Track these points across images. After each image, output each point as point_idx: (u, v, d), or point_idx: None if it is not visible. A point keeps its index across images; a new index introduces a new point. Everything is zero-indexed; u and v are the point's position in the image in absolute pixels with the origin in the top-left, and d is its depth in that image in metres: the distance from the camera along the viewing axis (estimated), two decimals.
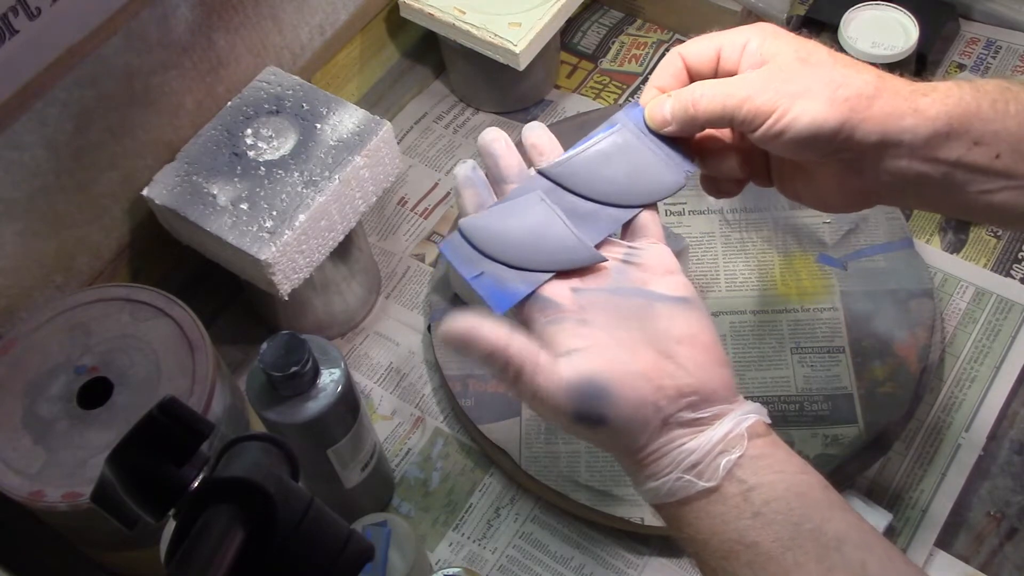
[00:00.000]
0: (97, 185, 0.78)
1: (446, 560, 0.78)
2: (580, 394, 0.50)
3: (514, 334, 0.51)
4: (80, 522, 0.67)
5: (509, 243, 0.53)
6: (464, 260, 0.54)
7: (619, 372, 0.50)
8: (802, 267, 0.86)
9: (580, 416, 0.50)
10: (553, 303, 0.52)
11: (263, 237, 0.74)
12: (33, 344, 0.70)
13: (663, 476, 0.50)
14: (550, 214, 0.54)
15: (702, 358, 0.51)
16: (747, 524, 0.49)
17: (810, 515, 0.49)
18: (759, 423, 0.51)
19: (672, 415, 0.50)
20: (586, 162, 0.56)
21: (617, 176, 0.55)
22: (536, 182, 0.55)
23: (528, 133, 0.58)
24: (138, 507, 0.45)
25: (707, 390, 0.51)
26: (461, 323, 0.51)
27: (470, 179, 0.57)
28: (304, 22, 0.90)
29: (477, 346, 0.51)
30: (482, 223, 0.54)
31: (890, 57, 0.87)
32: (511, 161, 0.57)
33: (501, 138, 0.57)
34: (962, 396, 0.82)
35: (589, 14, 1.09)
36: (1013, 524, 0.76)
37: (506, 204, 0.55)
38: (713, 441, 0.50)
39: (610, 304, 0.52)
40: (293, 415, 0.65)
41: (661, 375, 0.50)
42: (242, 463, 0.46)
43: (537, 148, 0.58)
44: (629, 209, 0.55)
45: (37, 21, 0.65)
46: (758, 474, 0.49)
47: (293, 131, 0.79)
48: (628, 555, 0.77)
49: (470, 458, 0.82)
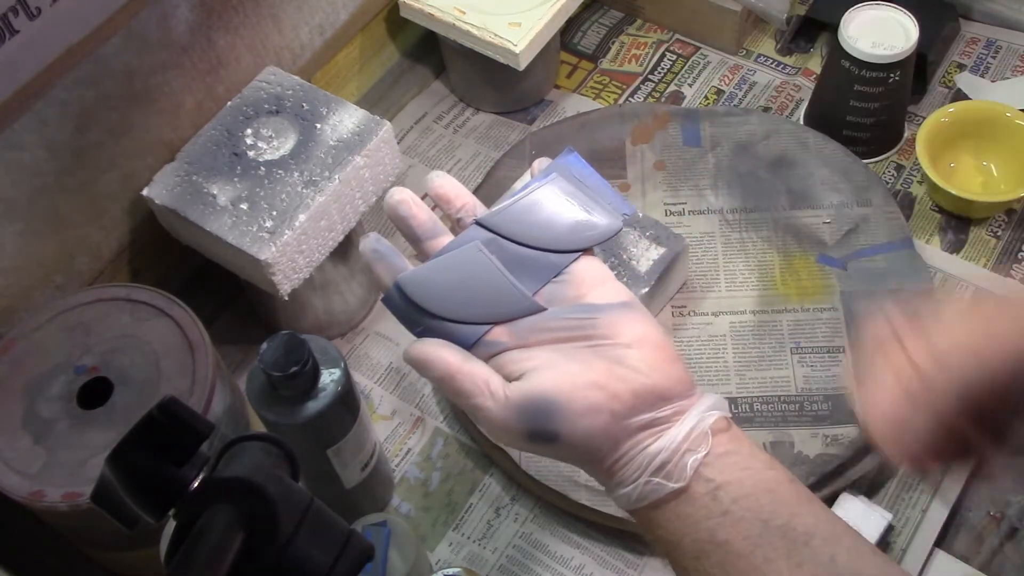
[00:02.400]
0: (97, 185, 0.78)
1: (446, 560, 0.78)
2: (529, 413, 0.50)
3: (468, 360, 0.52)
4: (80, 522, 0.67)
5: (448, 297, 0.54)
6: (404, 315, 0.54)
7: (568, 385, 0.50)
8: (802, 267, 0.86)
9: (532, 435, 0.51)
10: (493, 343, 0.53)
11: (263, 237, 0.74)
12: (33, 344, 0.70)
13: (632, 482, 0.50)
14: (488, 265, 0.54)
15: (653, 357, 0.51)
16: (716, 523, 0.49)
17: (779, 511, 0.49)
18: (720, 419, 0.51)
19: (631, 419, 0.50)
20: (523, 210, 0.56)
21: (554, 222, 0.55)
22: (474, 232, 0.55)
23: (431, 185, 0.58)
24: (138, 507, 0.45)
25: (662, 388, 0.51)
26: (423, 346, 0.53)
27: (378, 252, 0.56)
28: (304, 22, 0.90)
29: (432, 368, 0.52)
30: (420, 278, 0.54)
31: (890, 57, 0.87)
32: (422, 218, 0.57)
33: (406, 199, 0.57)
34: None
35: (589, 14, 1.09)
36: (1013, 524, 0.76)
37: (444, 257, 0.55)
38: (677, 440, 0.50)
39: (549, 327, 0.52)
40: (293, 415, 0.65)
41: (613, 381, 0.50)
42: (242, 463, 0.46)
43: (443, 198, 0.57)
44: (568, 254, 0.56)
45: (37, 21, 0.65)
46: (725, 472, 0.50)
47: (293, 131, 0.79)
48: (628, 555, 0.77)
49: (470, 458, 0.82)
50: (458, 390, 0.52)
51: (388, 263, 0.55)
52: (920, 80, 0.96)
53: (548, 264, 0.55)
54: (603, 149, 0.93)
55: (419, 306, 0.54)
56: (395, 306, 0.55)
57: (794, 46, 1.04)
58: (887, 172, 0.95)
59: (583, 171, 0.57)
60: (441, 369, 0.52)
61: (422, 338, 0.54)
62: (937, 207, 0.92)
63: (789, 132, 0.93)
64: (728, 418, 0.52)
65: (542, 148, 0.93)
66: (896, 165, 0.95)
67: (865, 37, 0.88)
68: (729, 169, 0.92)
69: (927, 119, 0.91)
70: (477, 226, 0.55)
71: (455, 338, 0.53)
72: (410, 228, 0.57)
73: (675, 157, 0.93)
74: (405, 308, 0.54)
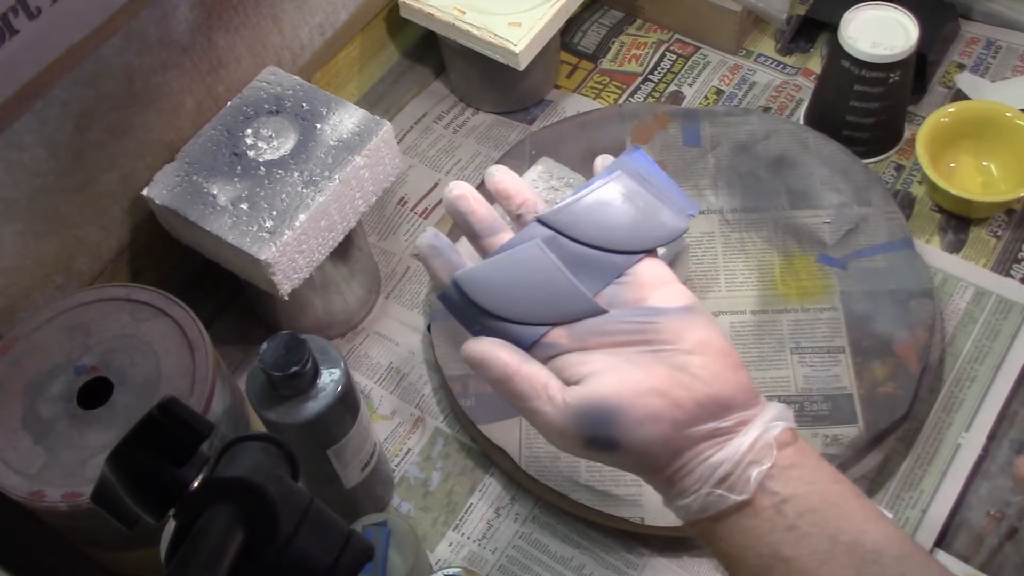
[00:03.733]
0: (97, 185, 0.78)
1: (446, 560, 0.78)
2: (588, 419, 0.49)
3: (526, 362, 0.51)
4: (80, 522, 0.67)
5: (508, 296, 0.52)
6: (462, 313, 0.53)
7: (629, 392, 0.49)
8: (802, 267, 0.86)
9: (590, 442, 0.49)
10: (551, 345, 0.52)
11: (263, 237, 0.74)
12: (33, 344, 0.70)
13: (693, 492, 0.49)
14: (549, 264, 0.53)
15: (717, 365, 0.50)
16: (781, 538, 0.47)
17: (846, 527, 0.48)
18: (786, 431, 0.49)
19: (693, 428, 0.49)
20: (586, 208, 0.54)
21: (618, 222, 0.54)
22: (535, 230, 0.54)
23: (489, 180, 0.56)
24: (138, 507, 0.45)
25: (726, 397, 0.49)
26: (480, 345, 0.52)
27: (435, 248, 0.54)
28: (304, 22, 0.90)
29: (490, 369, 0.51)
30: (479, 276, 0.53)
31: (890, 57, 0.87)
32: (482, 214, 0.55)
33: (466, 194, 0.55)
34: (962, 396, 0.82)
35: (589, 14, 1.09)
36: (1013, 524, 0.76)
37: (504, 255, 0.53)
38: (741, 451, 0.48)
39: (609, 330, 0.51)
40: (293, 415, 0.65)
41: (675, 388, 0.49)
42: (242, 463, 0.46)
43: (503, 193, 0.56)
44: (631, 255, 0.54)
45: (37, 21, 0.65)
46: (790, 485, 0.48)
47: (293, 131, 0.79)
48: (628, 555, 0.77)
49: (470, 458, 0.82)
50: (515, 392, 0.51)
51: (446, 259, 0.54)
52: (920, 80, 0.96)
53: (610, 265, 0.53)
54: (603, 149, 0.92)
55: (477, 304, 0.52)
56: (452, 304, 0.53)
57: (794, 46, 1.04)
58: (887, 172, 0.95)
59: (648, 169, 0.56)
60: (499, 370, 0.51)
61: (479, 337, 0.52)
62: (937, 207, 0.92)
63: (789, 132, 0.93)
64: (793, 430, 0.50)
65: (542, 148, 0.93)
66: (896, 165, 0.95)
67: (865, 37, 0.88)
68: (729, 169, 0.92)
69: (927, 119, 0.91)
70: (538, 223, 0.54)
71: (513, 338, 0.52)
72: (469, 224, 0.55)
73: (675, 157, 0.93)
74: (463, 306, 0.53)
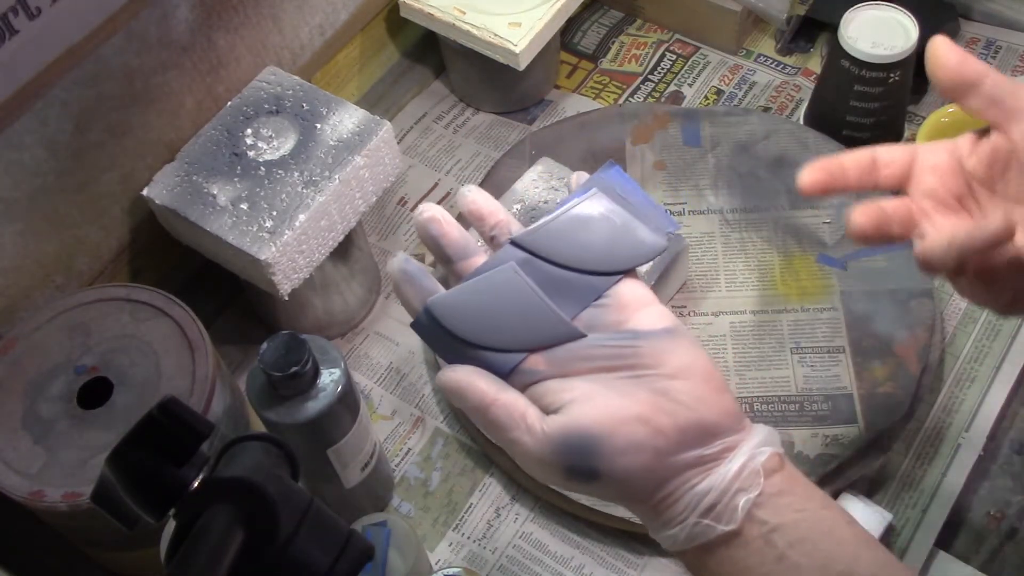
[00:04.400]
0: (97, 185, 0.78)
1: (446, 560, 0.78)
2: (567, 449, 0.48)
3: (504, 391, 0.49)
4: (80, 522, 0.67)
5: (483, 322, 0.51)
6: (435, 341, 0.52)
7: (609, 420, 0.48)
8: (802, 267, 0.86)
9: (570, 472, 0.48)
10: (529, 371, 0.50)
11: (263, 237, 0.74)
12: (33, 344, 0.70)
13: (679, 522, 0.48)
14: (524, 288, 0.51)
15: (700, 389, 0.49)
16: (772, 569, 0.47)
17: (838, 555, 0.47)
18: (773, 456, 0.48)
19: (677, 456, 0.48)
20: (562, 229, 0.52)
21: (594, 242, 0.52)
22: (509, 252, 0.52)
23: (462, 200, 0.55)
24: (138, 507, 0.45)
25: (710, 422, 0.48)
26: (456, 373, 0.50)
27: (406, 273, 0.52)
28: (304, 22, 0.90)
29: (466, 398, 0.50)
30: (451, 302, 0.51)
31: (890, 57, 0.87)
32: (454, 235, 0.54)
33: (436, 216, 0.53)
34: (962, 396, 0.82)
35: (589, 14, 1.09)
36: (1013, 524, 0.76)
37: (478, 279, 0.51)
38: (727, 479, 0.47)
39: (589, 355, 0.50)
40: (293, 415, 0.65)
41: (657, 415, 0.48)
42: (242, 463, 0.46)
43: (475, 215, 0.54)
44: (609, 276, 0.52)
45: (37, 21, 0.65)
46: (779, 513, 0.47)
47: (293, 131, 0.79)
48: (628, 555, 0.77)
49: (470, 458, 0.82)
50: (493, 422, 0.49)
51: (418, 285, 0.52)
52: (920, 80, 0.96)
53: (588, 287, 0.52)
54: (603, 149, 0.93)
55: (451, 332, 0.51)
56: (425, 332, 0.52)
57: (794, 46, 1.04)
58: None
59: (625, 186, 0.54)
60: (475, 399, 0.49)
61: (454, 365, 0.51)
62: None
63: (789, 132, 0.93)
64: (781, 455, 0.49)
65: (542, 148, 0.93)
66: None
67: (865, 37, 0.88)
68: (729, 169, 0.92)
69: (927, 119, 0.91)
70: (512, 246, 0.52)
71: (489, 366, 0.50)
72: (440, 248, 0.54)
73: (675, 157, 0.93)
74: (436, 334, 0.51)
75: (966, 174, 0.53)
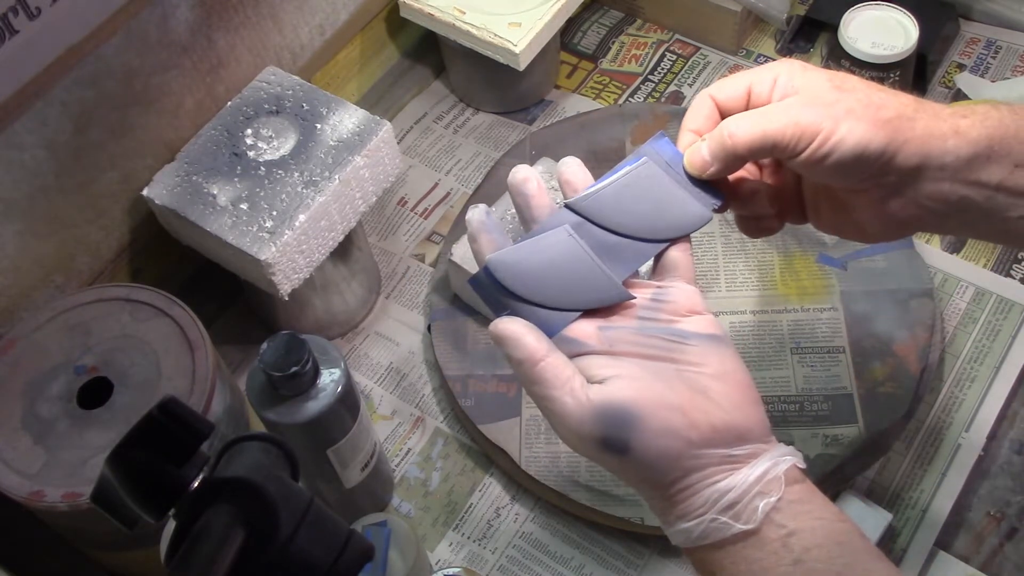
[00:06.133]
0: (97, 185, 0.78)
1: (446, 560, 0.78)
2: (607, 418, 0.49)
3: (553, 352, 0.51)
4: (80, 522, 0.67)
5: (536, 281, 0.53)
6: (491, 297, 0.54)
7: (650, 402, 0.49)
8: (802, 267, 0.86)
9: (604, 442, 0.49)
10: (579, 342, 0.52)
11: (263, 237, 0.74)
12: (33, 344, 0.70)
13: (696, 516, 0.49)
14: (578, 250, 0.53)
15: (737, 396, 0.51)
16: (787, 571, 0.47)
17: (852, 564, 0.48)
18: (794, 468, 0.50)
19: (706, 451, 0.49)
20: (613, 195, 0.55)
21: (644, 209, 0.54)
22: (563, 216, 0.54)
23: (563, 168, 0.57)
24: (138, 507, 0.45)
25: (742, 428, 0.50)
26: (512, 324, 0.52)
27: (484, 224, 0.55)
28: (304, 22, 0.90)
29: (516, 348, 0.51)
30: (509, 260, 0.53)
31: (890, 57, 0.87)
32: (543, 201, 0.56)
33: (532, 178, 0.56)
34: (962, 396, 0.82)
35: (589, 14, 1.09)
36: (1013, 524, 0.76)
37: (533, 240, 0.54)
38: (750, 481, 0.48)
39: (639, 342, 0.52)
40: (293, 415, 0.65)
41: (694, 409, 0.49)
42: (242, 463, 0.46)
43: (571, 184, 0.56)
44: (657, 243, 0.55)
45: (37, 21, 0.65)
46: (797, 519, 0.48)
47: (293, 131, 0.79)
48: (628, 555, 0.77)
49: (470, 458, 0.82)
50: (539, 378, 0.50)
51: (492, 237, 0.55)
52: (920, 80, 0.96)
53: (636, 252, 0.54)
54: (603, 149, 0.93)
55: (506, 288, 0.53)
56: (482, 287, 0.54)
57: (794, 46, 1.04)
58: None
59: (674, 157, 0.56)
60: (525, 351, 0.51)
61: (508, 316, 0.52)
62: None
63: None
64: (803, 470, 0.50)
65: (542, 148, 0.93)
66: None
67: (865, 37, 0.88)
68: None
69: None
70: (566, 209, 0.54)
71: (540, 322, 0.52)
72: (528, 208, 0.56)
73: None
74: (492, 290, 0.53)
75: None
